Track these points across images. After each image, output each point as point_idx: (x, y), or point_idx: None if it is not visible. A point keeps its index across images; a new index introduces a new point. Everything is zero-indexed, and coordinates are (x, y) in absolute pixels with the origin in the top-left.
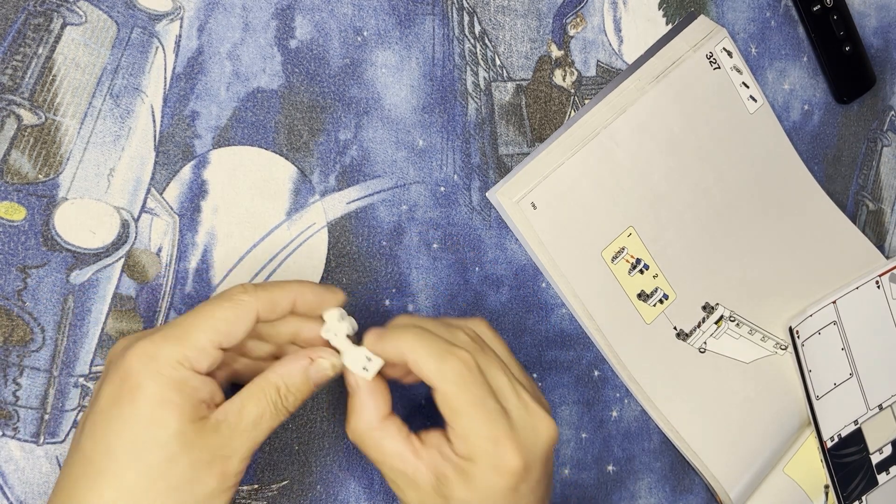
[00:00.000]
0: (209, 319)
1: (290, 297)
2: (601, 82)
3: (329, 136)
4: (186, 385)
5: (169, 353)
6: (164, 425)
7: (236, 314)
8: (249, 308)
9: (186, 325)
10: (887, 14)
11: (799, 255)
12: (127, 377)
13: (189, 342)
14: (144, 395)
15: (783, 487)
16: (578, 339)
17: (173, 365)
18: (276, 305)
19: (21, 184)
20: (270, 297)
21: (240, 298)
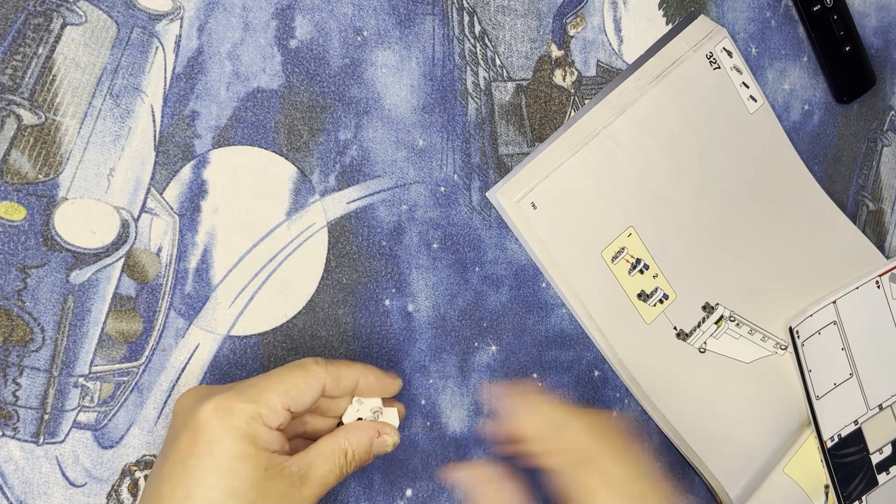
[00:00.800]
0: (282, 384)
1: (356, 377)
2: (601, 82)
3: (329, 136)
4: (260, 439)
5: (244, 409)
6: (242, 476)
7: (307, 382)
8: (319, 378)
9: (261, 386)
10: (887, 14)
11: (799, 254)
12: (203, 429)
13: (262, 401)
14: (222, 448)
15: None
16: (578, 339)
17: (247, 421)
18: (342, 382)
19: (21, 184)
20: (338, 373)
21: (312, 369)
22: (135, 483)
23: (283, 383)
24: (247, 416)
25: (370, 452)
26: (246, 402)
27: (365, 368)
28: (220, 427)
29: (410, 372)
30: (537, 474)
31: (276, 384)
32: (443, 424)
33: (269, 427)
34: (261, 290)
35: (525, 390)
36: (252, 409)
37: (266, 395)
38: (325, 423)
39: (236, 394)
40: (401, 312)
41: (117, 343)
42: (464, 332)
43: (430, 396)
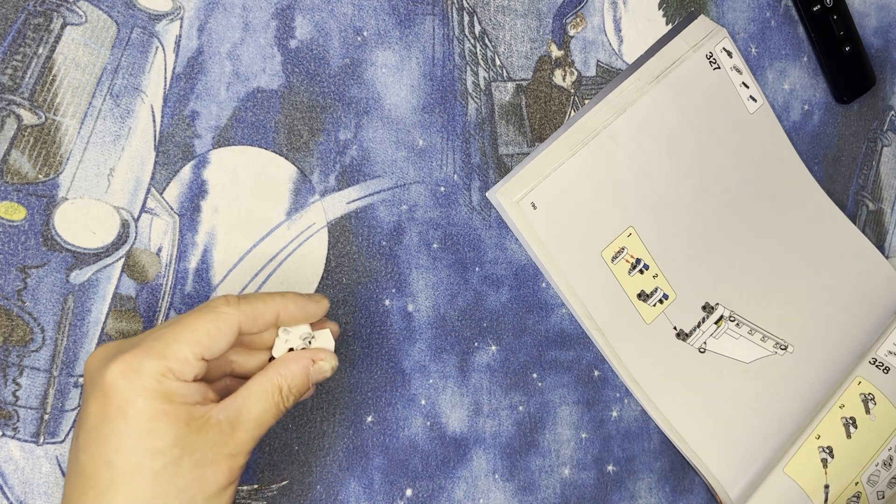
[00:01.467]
0: (192, 332)
1: (274, 310)
2: (601, 82)
3: (329, 136)
4: (175, 395)
5: (152, 366)
6: (161, 435)
7: (218, 327)
8: (232, 321)
9: (168, 338)
10: (887, 14)
11: (799, 254)
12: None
13: (171, 355)
14: (135, 410)
15: (783, 487)
16: (578, 339)
17: (158, 378)
18: (259, 318)
19: (21, 184)
20: (253, 311)
21: (223, 311)
22: None
23: (193, 332)
24: (156, 374)
25: (307, 383)
26: (154, 357)
27: (283, 298)
28: (130, 389)
29: (410, 372)
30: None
31: (184, 334)
32: (443, 424)
33: (183, 381)
34: (261, 290)
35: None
36: (161, 365)
37: (174, 347)
38: (254, 359)
39: (143, 350)
40: (401, 312)
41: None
42: (464, 332)
43: (430, 396)
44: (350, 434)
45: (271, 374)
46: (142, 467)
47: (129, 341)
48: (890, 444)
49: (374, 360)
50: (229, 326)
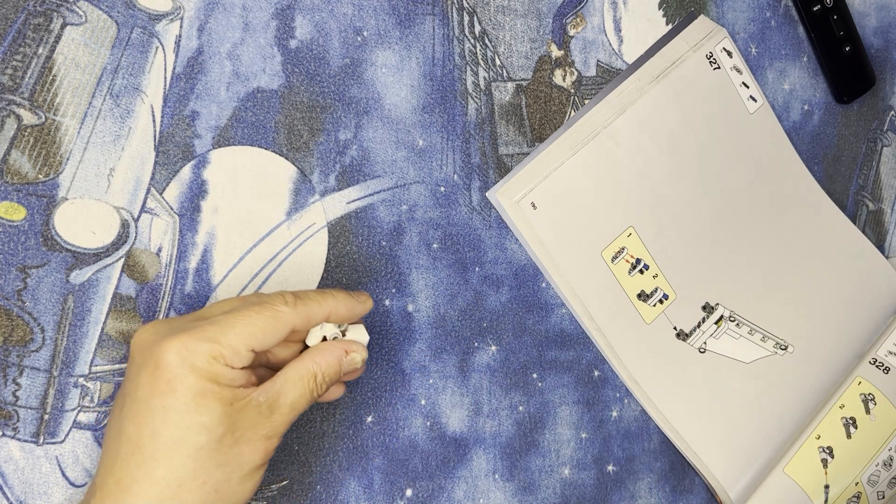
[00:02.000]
0: (248, 325)
1: (326, 311)
2: (601, 82)
3: (329, 136)
4: (223, 377)
5: (205, 349)
6: (207, 410)
7: (273, 325)
8: (287, 320)
9: (225, 325)
10: (887, 14)
11: (799, 254)
12: (164, 369)
13: (224, 342)
14: (184, 386)
15: (783, 487)
16: (578, 339)
17: (209, 360)
18: (312, 319)
19: (21, 184)
20: (308, 311)
21: (280, 309)
22: None
23: (250, 325)
24: (208, 356)
25: (339, 372)
26: (208, 341)
27: (335, 300)
28: (181, 366)
29: (410, 372)
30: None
31: (241, 325)
32: (443, 424)
33: (231, 367)
34: (261, 290)
35: None
36: (214, 349)
37: (230, 335)
38: (288, 350)
39: (199, 332)
40: (401, 312)
41: (117, 343)
42: (464, 332)
43: (430, 396)
44: (350, 434)
45: (307, 362)
46: (185, 441)
47: (180, 319)
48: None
49: (374, 360)
50: (284, 325)
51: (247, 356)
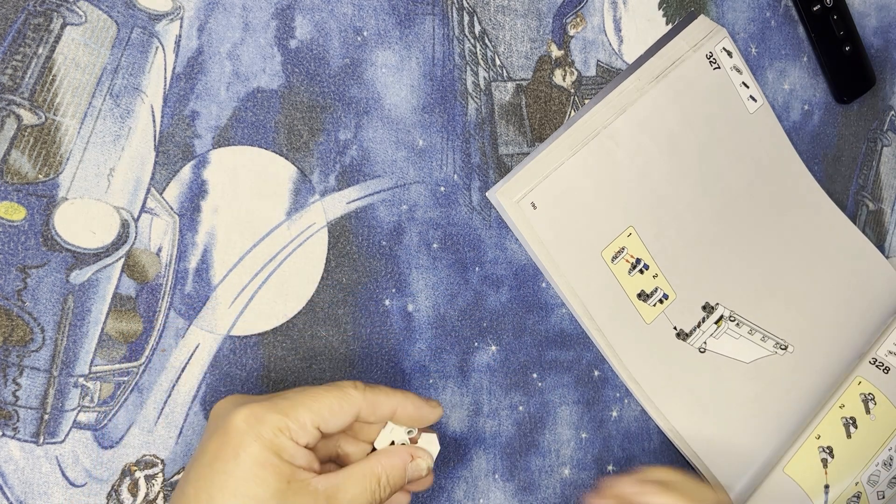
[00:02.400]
0: (316, 402)
1: (393, 404)
2: (601, 82)
3: (329, 136)
4: (285, 451)
5: (273, 419)
6: (265, 483)
7: (341, 405)
8: (354, 403)
9: (295, 401)
10: (887, 14)
11: (799, 254)
12: (232, 435)
13: (293, 415)
14: (247, 454)
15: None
16: (578, 339)
17: (275, 431)
18: (378, 408)
19: (21, 184)
20: (375, 399)
21: (349, 392)
22: (135, 483)
23: (317, 401)
24: (274, 427)
25: (403, 477)
26: (277, 413)
27: (404, 397)
28: (249, 433)
29: (410, 372)
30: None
31: (310, 401)
32: (443, 424)
33: (295, 442)
34: (261, 290)
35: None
36: (281, 420)
37: (298, 409)
38: (358, 448)
39: (270, 404)
40: (401, 312)
41: (117, 343)
42: (464, 332)
43: (430, 396)
44: None
45: (374, 463)
46: None
47: (260, 396)
48: (890, 444)
49: (374, 360)
50: (351, 407)
51: (312, 433)
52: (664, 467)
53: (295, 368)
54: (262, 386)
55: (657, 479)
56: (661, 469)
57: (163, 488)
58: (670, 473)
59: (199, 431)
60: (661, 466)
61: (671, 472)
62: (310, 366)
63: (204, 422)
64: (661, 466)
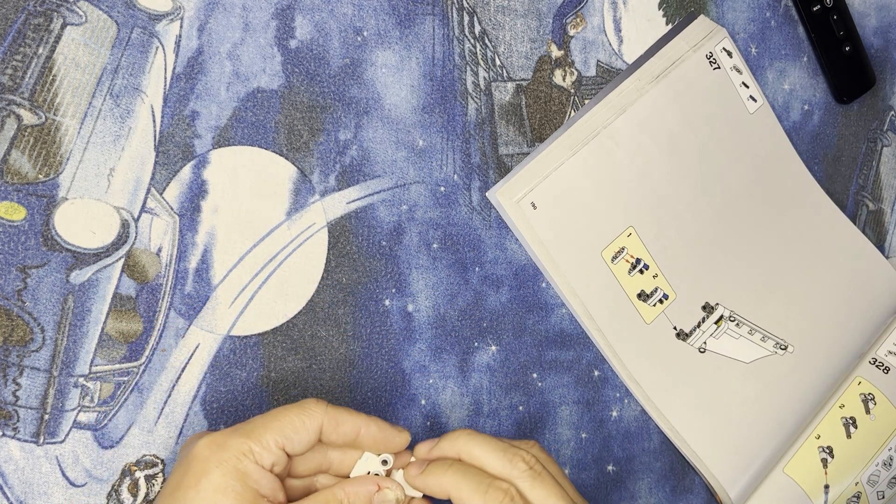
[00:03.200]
0: (277, 421)
1: (356, 423)
2: (601, 82)
3: (329, 136)
4: (249, 477)
5: (236, 444)
6: None
7: (302, 420)
8: (316, 418)
9: (256, 423)
10: (887, 14)
11: (799, 254)
12: (194, 463)
13: (255, 437)
14: (208, 481)
15: (783, 487)
16: (578, 339)
17: (238, 456)
18: (341, 425)
19: (21, 184)
20: (337, 415)
21: (310, 408)
22: (135, 483)
23: (278, 420)
24: (238, 451)
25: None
26: (238, 437)
27: (368, 418)
28: (211, 460)
29: (410, 372)
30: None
31: (270, 421)
32: (443, 424)
33: (260, 465)
34: (261, 290)
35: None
36: (243, 444)
37: (259, 431)
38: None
39: (232, 430)
40: (401, 312)
41: (117, 343)
42: (464, 332)
43: (430, 396)
44: None
45: (336, 490)
46: None
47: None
48: (890, 444)
49: (374, 360)
50: (312, 422)
51: (277, 453)
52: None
53: (295, 368)
54: (262, 386)
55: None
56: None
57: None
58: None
59: (200, 431)
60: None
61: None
62: (310, 366)
63: (204, 422)
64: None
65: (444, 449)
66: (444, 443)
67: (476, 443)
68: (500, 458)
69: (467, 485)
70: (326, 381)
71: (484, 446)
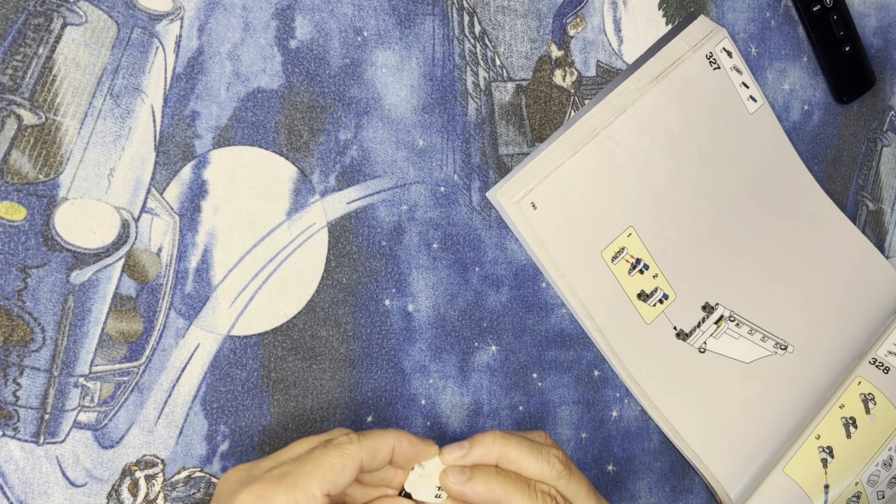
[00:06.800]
0: (319, 468)
1: (390, 445)
2: (601, 82)
3: (329, 136)
4: None
5: (281, 500)
6: None
7: (343, 462)
8: (355, 456)
9: (299, 473)
10: (887, 14)
11: (799, 254)
12: None
13: (299, 489)
14: None
15: (783, 487)
16: (578, 339)
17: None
18: (378, 454)
19: (21, 184)
20: (372, 445)
21: (346, 448)
22: (135, 483)
23: (320, 468)
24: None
25: None
26: (283, 492)
27: (398, 434)
28: None
29: (410, 372)
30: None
31: (312, 469)
32: (443, 424)
33: None
34: (261, 290)
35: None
36: (290, 499)
37: (303, 482)
38: (367, 495)
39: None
40: (401, 312)
41: (117, 343)
42: (464, 332)
43: (430, 396)
44: None
45: None
46: None
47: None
48: (890, 444)
49: (374, 360)
50: (353, 461)
51: (322, 501)
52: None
53: (295, 368)
54: (262, 386)
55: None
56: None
57: (163, 488)
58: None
59: (200, 431)
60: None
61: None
62: (310, 366)
63: (204, 422)
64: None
65: (480, 454)
66: (478, 448)
67: (511, 445)
68: (537, 459)
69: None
70: (326, 381)
71: (520, 448)
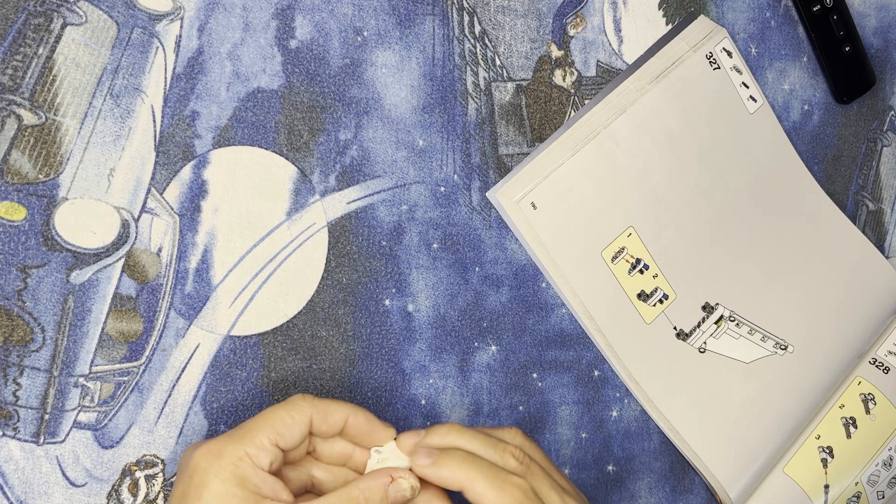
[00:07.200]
0: (267, 420)
1: (343, 413)
2: (601, 82)
3: (329, 136)
4: (248, 480)
5: (231, 450)
6: None
7: (292, 416)
8: (304, 411)
9: (248, 426)
10: (887, 14)
11: (799, 254)
12: (194, 474)
13: (249, 440)
14: (209, 491)
15: (783, 487)
16: (578, 339)
17: (235, 462)
18: (329, 417)
19: (21, 184)
20: (325, 407)
21: (296, 402)
22: (135, 483)
23: (268, 420)
24: (234, 458)
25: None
26: (233, 443)
27: (355, 408)
28: (209, 471)
29: (410, 372)
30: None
31: (261, 422)
32: None
33: (258, 467)
34: (261, 290)
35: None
36: (238, 448)
37: (252, 433)
38: (331, 474)
39: (226, 437)
40: (401, 312)
41: (117, 343)
42: (464, 332)
43: (430, 396)
44: None
45: (350, 488)
46: None
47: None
48: (890, 444)
49: (374, 360)
50: (302, 416)
51: (272, 451)
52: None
53: (295, 368)
54: (262, 386)
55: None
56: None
57: (163, 488)
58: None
59: (200, 431)
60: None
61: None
62: (310, 366)
63: (204, 422)
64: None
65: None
66: (432, 438)
67: (466, 439)
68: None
69: (483, 479)
70: (326, 381)
71: (474, 443)
